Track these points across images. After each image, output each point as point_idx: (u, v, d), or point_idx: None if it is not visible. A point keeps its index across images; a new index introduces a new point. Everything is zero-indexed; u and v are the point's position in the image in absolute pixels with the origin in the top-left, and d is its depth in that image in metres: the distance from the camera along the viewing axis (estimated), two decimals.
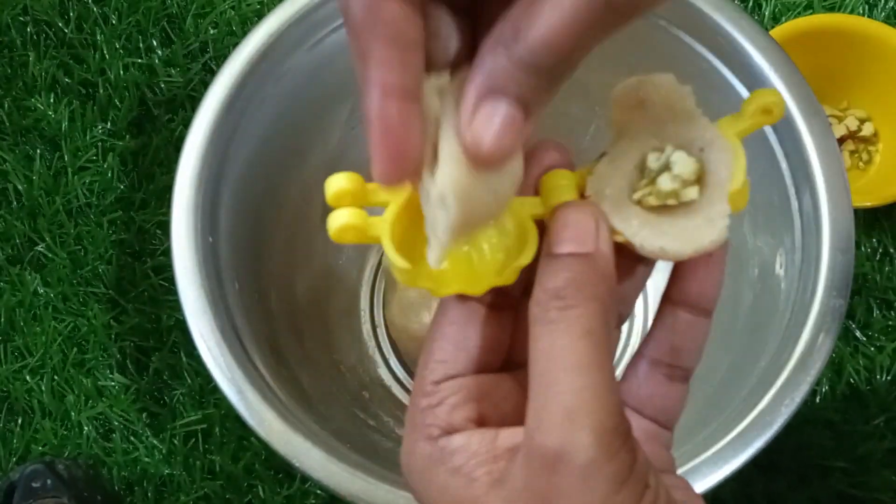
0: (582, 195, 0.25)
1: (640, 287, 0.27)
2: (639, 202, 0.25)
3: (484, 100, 0.21)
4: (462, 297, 0.25)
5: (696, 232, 0.24)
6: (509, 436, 0.24)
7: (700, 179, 0.24)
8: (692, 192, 0.24)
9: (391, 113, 0.22)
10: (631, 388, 0.27)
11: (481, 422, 0.24)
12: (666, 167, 0.24)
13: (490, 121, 0.21)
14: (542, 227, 0.25)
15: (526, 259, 0.25)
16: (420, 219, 0.25)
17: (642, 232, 0.24)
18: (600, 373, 0.22)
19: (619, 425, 0.22)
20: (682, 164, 0.24)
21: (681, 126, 0.25)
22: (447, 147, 0.23)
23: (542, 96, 0.22)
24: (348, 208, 0.24)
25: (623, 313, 0.27)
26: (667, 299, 0.26)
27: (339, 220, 0.24)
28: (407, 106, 0.22)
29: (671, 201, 0.24)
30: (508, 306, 0.26)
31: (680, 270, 0.26)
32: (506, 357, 0.26)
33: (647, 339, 0.27)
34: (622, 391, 0.27)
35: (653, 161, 0.25)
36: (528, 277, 0.24)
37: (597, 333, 0.22)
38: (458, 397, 0.24)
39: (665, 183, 0.24)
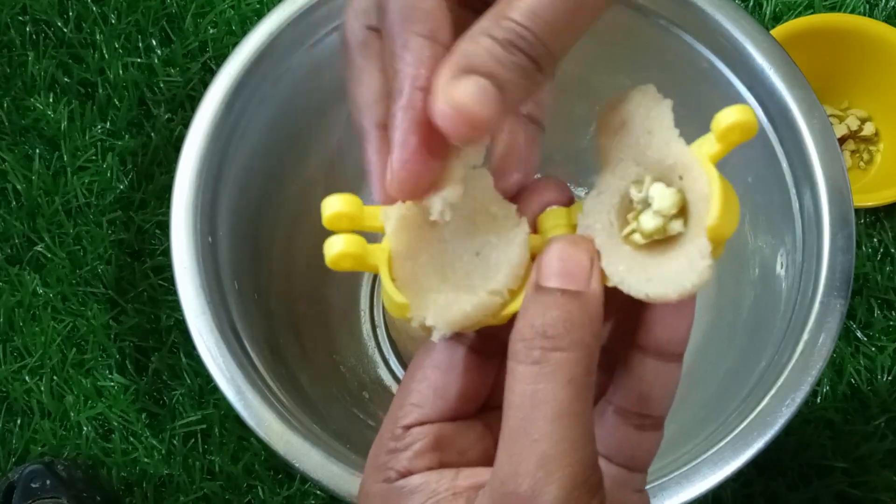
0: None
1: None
2: (627, 238, 0.24)
3: (457, 76, 0.21)
4: (450, 341, 0.24)
5: (680, 275, 0.22)
6: (470, 475, 0.23)
7: (684, 210, 0.23)
8: (677, 226, 0.23)
9: (420, 111, 0.22)
10: (599, 436, 0.25)
11: (441, 466, 0.24)
12: (647, 202, 0.23)
13: (466, 91, 0.21)
14: None
15: (518, 305, 0.24)
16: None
17: (629, 278, 0.23)
18: (580, 423, 0.22)
19: (591, 477, 0.22)
20: (661, 198, 0.23)
21: (659, 151, 0.23)
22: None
23: (524, 80, 0.21)
24: (345, 235, 0.23)
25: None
26: (632, 344, 0.25)
27: (336, 248, 0.23)
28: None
29: (658, 236, 0.23)
30: (495, 352, 0.25)
31: (647, 315, 0.24)
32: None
33: (613, 385, 0.25)
34: None
35: (635, 195, 0.24)
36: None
37: (580, 381, 0.22)
38: (423, 444, 0.23)
39: (647, 222, 0.23)
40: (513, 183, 0.26)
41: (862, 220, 0.72)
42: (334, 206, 0.23)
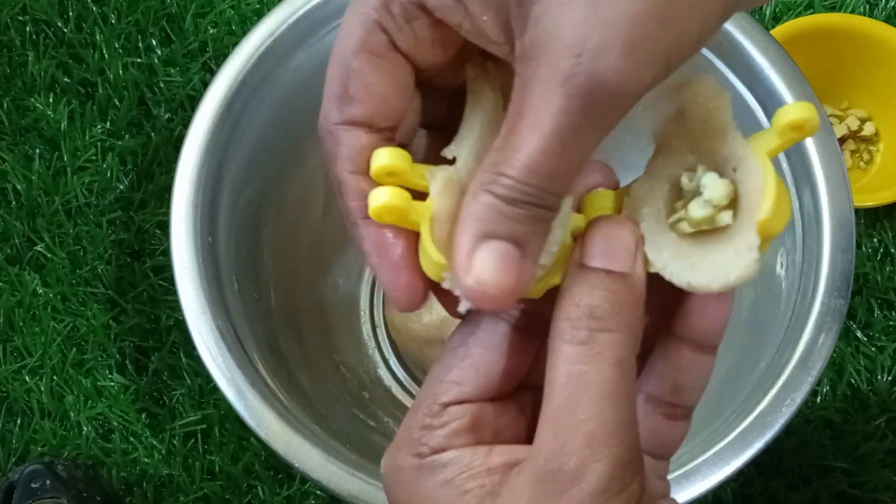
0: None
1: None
2: (674, 226, 0.23)
3: (477, 246, 0.21)
4: (494, 317, 0.24)
5: (724, 267, 0.22)
6: (504, 451, 0.23)
7: (734, 202, 0.23)
8: (726, 217, 0.23)
9: (378, 238, 0.24)
10: None
11: (475, 445, 0.24)
12: (697, 191, 0.23)
13: (487, 264, 0.21)
14: None
15: (557, 280, 0.24)
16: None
17: (672, 265, 0.23)
18: (626, 405, 0.22)
19: (635, 458, 0.22)
20: (713, 188, 0.23)
21: (715, 142, 0.23)
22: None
23: (538, 226, 0.21)
24: (391, 188, 0.23)
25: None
26: (669, 333, 0.25)
27: (380, 199, 0.23)
28: (390, 229, 0.24)
29: (705, 226, 0.23)
30: (538, 330, 0.24)
31: (686, 305, 0.24)
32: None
33: (645, 372, 0.25)
34: None
35: (686, 183, 0.23)
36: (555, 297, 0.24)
37: (627, 362, 0.22)
38: (460, 423, 0.24)
39: (696, 210, 0.23)
40: None
41: (862, 220, 0.72)
42: (384, 158, 0.23)
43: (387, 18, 0.23)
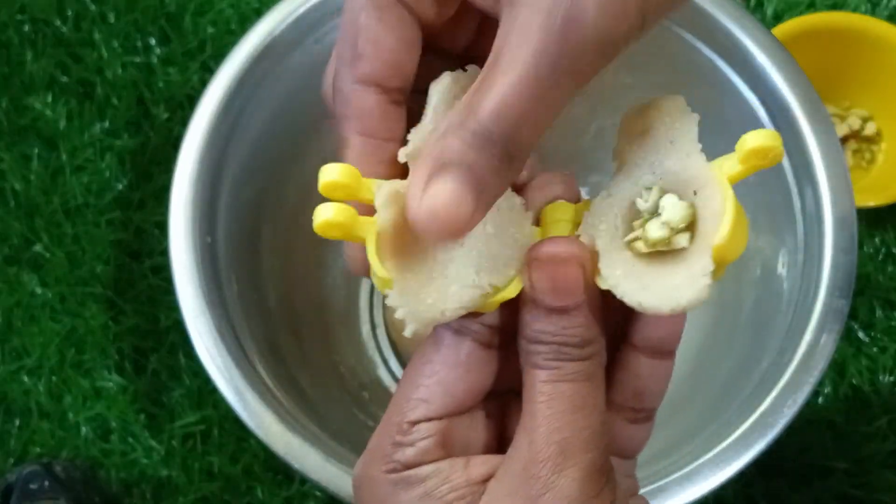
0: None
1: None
2: (630, 244, 0.23)
3: (435, 175, 0.21)
4: (457, 334, 0.24)
5: (676, 290, 0.22)
6: (480, 462, 0.24)
7: (692, 225, 0.23)
8: (682, 240, 0.23)
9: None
10: None
11: (447, 458, 0.24)
12: (656, 212, 0.23)
13: (441, 193, 0.21)
14: None
15: (512, 293, 0.24)
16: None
17: (624, 284, 0.23)
18: (597, 414, 0.23)
19: (606, 464, 0.23)
20: (672, 210, 0.23)
21: (679, 163, 0.23)
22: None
23: (498, 173, 0.21)
24: (335, 204, 0.23)
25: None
26: (625, 341, 0.25)
27: (323, 216, 0.23)
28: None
29: (662, 247, 0.23)
30: (501, 344, 0.25)
31: (640, 315, 0.25)
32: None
33: (606, 380, 0.26)
34: None
35: (640, 203, 0.23)
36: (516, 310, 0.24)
37: (596, 376, 0.23)
38: (429, 441, 0.24)
39: (653, 231, 0.23)
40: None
41: (864, 220, 0.72)
42: (331, 174, 0.23)
43: None
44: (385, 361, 0.69)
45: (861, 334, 0.71)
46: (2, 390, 0.72)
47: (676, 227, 0.23)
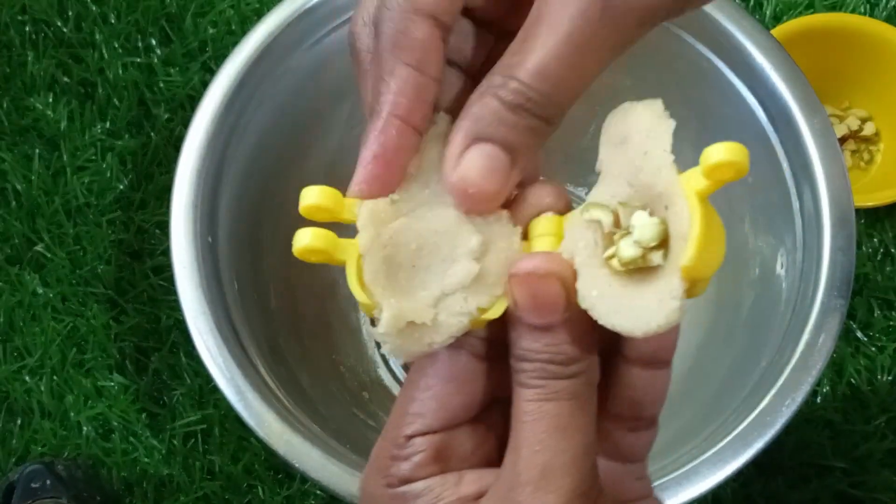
0: None
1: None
2: (608, 261, 0.23)
3: (470, 145, 0.21)
4: (453, 348, 0.24)
5: (647, 313, 0.21)
6: (474, 479, 0.24)
7: (665, 242, 0.22)
8: (657, 258, 0.22)
9: (391, 136, 0.23)
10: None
11: (443, 473, 0.24)
12: (628, 230, 0.22)
13: (474, 165, 0.21)
14: None
15: (497, 312, 0.24)
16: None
17: (599, 306, 0.22)
18: (581, 436, 0.22)
19: (591, 490, 0.23)
20: (643, 228, 0.22)
21: (651, 176, 0.22)
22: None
23: (534, 138, 0.21)
24: (314, 229, 0.23)
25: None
26: (618, 354, 0.25)
27: (302, 242, 0.23)
28: (408, 134, 0.23)
29: (636, 265, 0.22)
30: (497, 356, 0.25)
31: None
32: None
33: (602, 392, 0.25)
34: None
35: (623, 217, 0.23)
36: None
37: (582, 395, 0.23)
38: (424, 455, 0.24)
39: (626, 249, 0.22)
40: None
41: (862, 220, 0.72)
42: (312, 198, 0.23)
43: None
44: (385, 361, 0.69)
45: (859, 334, 0.71)
46: (4, 390, 0.72)
47: (647, 245, 0.22)
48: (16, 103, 0.78)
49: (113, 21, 0.79)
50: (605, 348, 0.25)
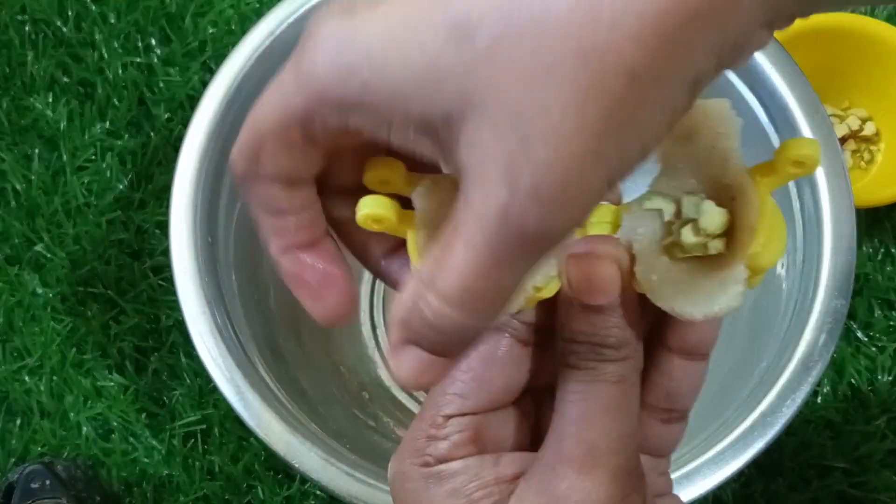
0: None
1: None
2: (667, 248, 0.23)
3: (401, 345, 0.21)
4: (497, 331, 0.25)
5: (709, 297, 0.22)
6: (512, 460, 0.24)
7: (729, 232, 0.23)
8: (717, 246, 0.23)
9: (293, 267, 0.24)
10: None
11: (479, 454, 0.24)
12: (694, 217, 0.23)
13: (407, 366, 0.21)
14: None
15: (550, 292, 0.24)
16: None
17: (659, 289, 0.23)
18: (628, 418, 0.23)
19: (635, 469, 0.23)
20: (708, 217, 0.23)
21: (718, 169, 0.23)
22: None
23: (462, 345, 0.21)
24: (376, 197, 0.23)
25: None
26: (660, 343, 0.25)
27: (364, 209, 0.23)
28: (306, 256, 0.24)
29: (698, 252, 0.23)
30: (539, 342, 0.25)
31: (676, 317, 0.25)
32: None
33: (641, 379, 0.26)
34: None
35: (684, 207, 0.23)
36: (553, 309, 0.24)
37: (629, 380, 0.23)
38: (462, 435, 0.24)
39: (688, 236, 0.23)
40: None
41: (862, 221, 0.72)
42: (376, 170, 0.23)
43: (309, 124, 0.22)
44: (385, 361, 0.69)
45: (860, 334, 0.71)
46: (3, 390, 0.72)
47: (712, 233, 0.22)
48: (15, 103, 0.78)
49: (113, 21, 0.79)
50: (647, 338, 0.25)
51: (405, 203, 0.24)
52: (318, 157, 0.23)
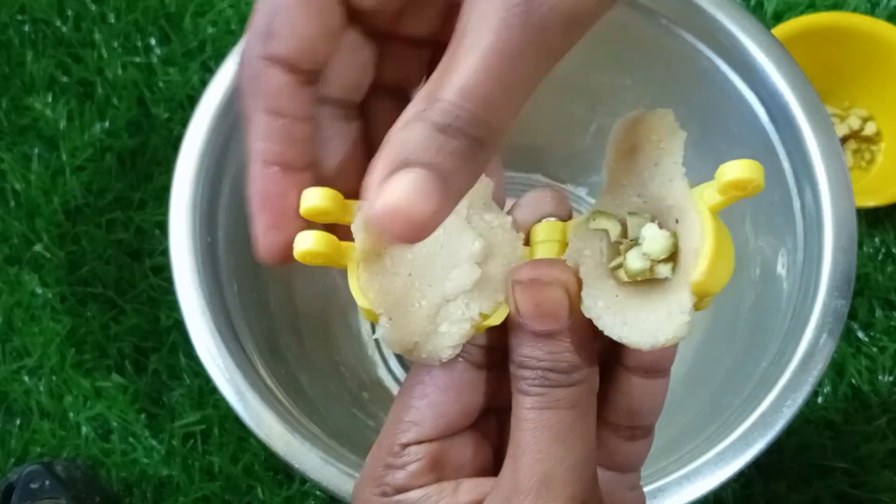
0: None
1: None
2: (614, 271, 0.23)
3: (395, 171, 0.19)
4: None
5: (655, 326, 0.21)
6: (471, 487, 0.23)
7: (674, 255, 0.22)
8: (664, 270, 0.22)
9: (269, 183, 0.23)
10: None
11: (439, 482, 0.24)
12: (636, 241, 0.22)
13: (401, 188, 0.18)
14: None
15: (498, 319, 0.23)
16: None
17: (605, 317, 0.22)
18: (583, 444, 0.22)
19: (591, 498, 0.22)
20: (652, 241, 0.22)
21: (661, 188, 0.22)
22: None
23: (467, 164, 0.19)
24: (315, 232, 0.22)
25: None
26: (617, 362, 0.25)
27: (303, 245, 0.22)
28: (285, 176, 0.23)
29: (643, 277, 0.22)
30: (494, 364, 0.25)
31: None
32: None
33: (599, 400, 0.25)
34: None
35: (631, 228, 0.22)
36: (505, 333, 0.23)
37: (583, 404, 0.23)
38: (420, 465, 0.23)
39: (633, 261, 0.22)
40: None
41: (863, 220, 0.72)
42: (312, 199, 0.23)
43: None
44: (385, 361, 0.69)
45: (860, 334, 0.71)
46: (2, 390, 0.72)
47: (657, 258, 0.22)
48: (15, 103, 0.78)
49: (112, 20, 0.79)
50: (604, 356, 0.24)
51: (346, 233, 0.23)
52: (334, 19, 0.22)
